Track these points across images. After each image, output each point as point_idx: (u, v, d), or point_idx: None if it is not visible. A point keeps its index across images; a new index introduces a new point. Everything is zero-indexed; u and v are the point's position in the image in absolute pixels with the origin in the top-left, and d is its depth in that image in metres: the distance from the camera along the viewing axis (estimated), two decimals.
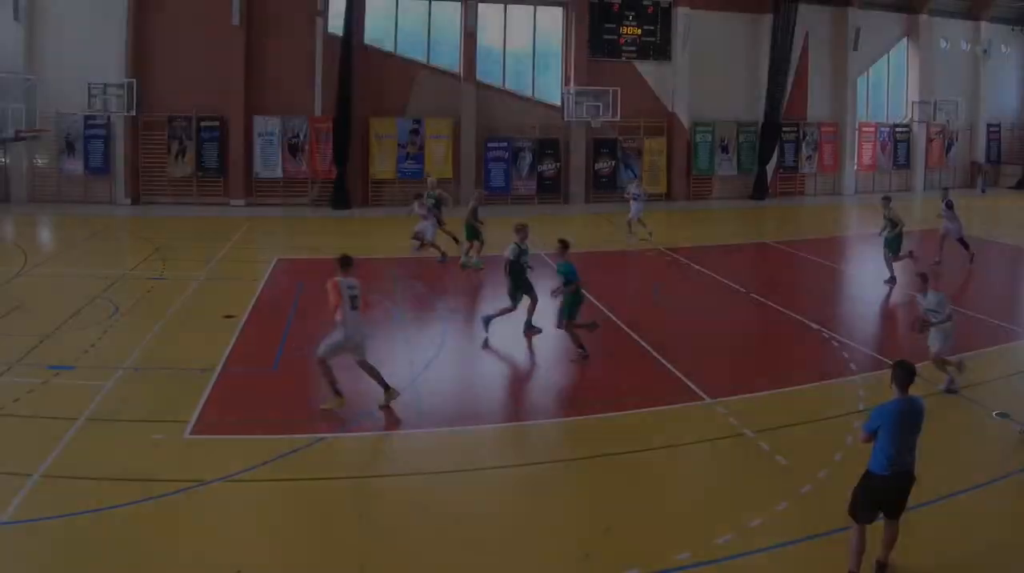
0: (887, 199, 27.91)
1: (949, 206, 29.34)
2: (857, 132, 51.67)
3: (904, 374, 10.03)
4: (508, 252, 20.11)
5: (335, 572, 10.33)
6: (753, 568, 10.39)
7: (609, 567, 10.37)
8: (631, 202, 34.43)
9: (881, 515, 10.01)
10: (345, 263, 15.27)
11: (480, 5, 45.15)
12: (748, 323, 22.76)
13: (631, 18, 47.04)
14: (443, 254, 29.35)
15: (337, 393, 15.13)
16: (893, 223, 26.85)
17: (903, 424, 9.80)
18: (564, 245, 19.12)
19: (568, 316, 18.70)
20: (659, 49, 47.55)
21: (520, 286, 20.31)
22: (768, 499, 11.89)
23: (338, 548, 10.78)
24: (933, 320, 16.12)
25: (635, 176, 37.05)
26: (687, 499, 12.43)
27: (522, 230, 20.41)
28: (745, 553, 10.57)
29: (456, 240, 29.77)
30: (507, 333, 20.34)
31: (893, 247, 26.96)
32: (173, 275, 26.29)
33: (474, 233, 28.64)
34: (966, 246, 29.39)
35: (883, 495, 9.87)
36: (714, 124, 48.40)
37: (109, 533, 10.89)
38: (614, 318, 21.94)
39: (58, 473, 12.43)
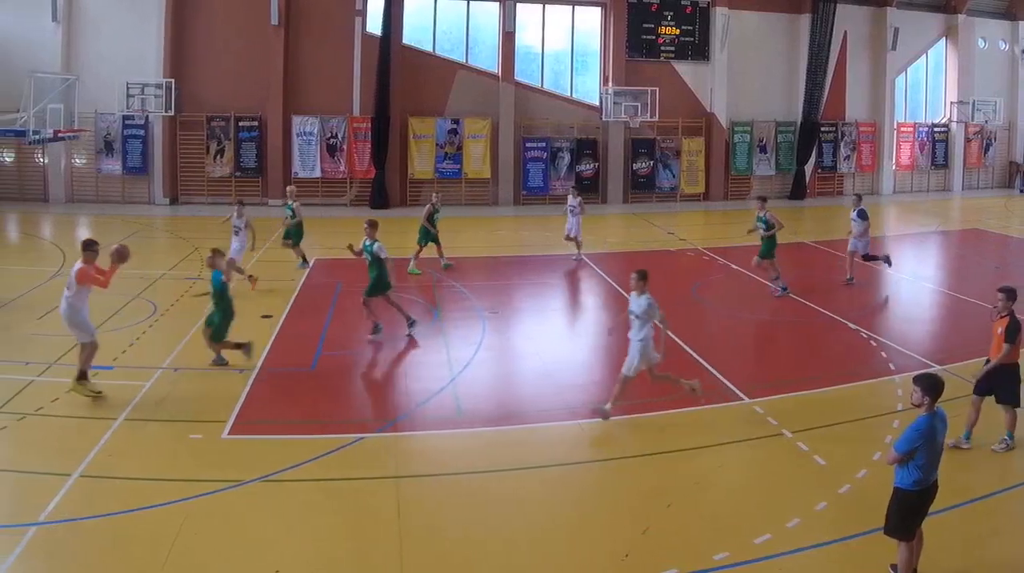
0: (762, 199, 25.02)
1: (862, 215, 25.26)
2: (895, 132, 49.37)
3: (938, 387, 9.49)
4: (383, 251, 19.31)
5: (374, 572, 10.08)
6: (792, 568, 10.08)
7: (648, 567, 10.07)
8: (568, 215, 29.14)
9: None
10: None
11: (519, 5, 43.36)
12: (786, 323, 21.88)
13: (669, 18, 45.00)
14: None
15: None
16: (768, 225, 23.86)
17: (936, 439, 9.41)
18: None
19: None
20: (697, 49, 45.45)
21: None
22: (807, 499, 11.59)
23: (377, 548, 10.50)
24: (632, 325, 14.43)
25: (575, 189, 31.50)
26: (726, 499, 11.97)
27: (372, 227, 19.51)
28: (784, 553, 10.29)
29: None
30: (543, 333, 20.03)
31: (764, 250, 23.99)
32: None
33: (426, 237, 26.95)
34: (874, 258, 25.73)
35: (919, 510, 9.51)
36: (752, 124, 46.25)
37: (147, 533, 10.57)
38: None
39: (96, 473, 12.09)
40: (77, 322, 15.16)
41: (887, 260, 25.50)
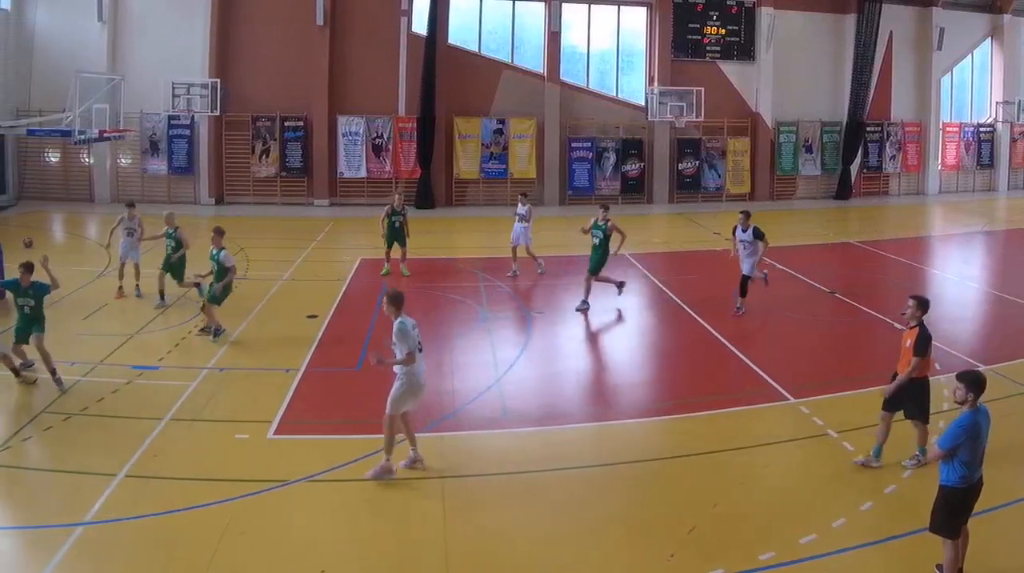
0: (604, 207, 21.51)
1: (758, 235, 20.42)
2: (941, 132, 46.53)
3: (981, 383, 9.09)
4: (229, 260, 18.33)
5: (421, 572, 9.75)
6: (838, 568, 9.75)
7: (694, 567, 9.75)
8: (516, 222, 25.58)
9: None
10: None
11: (564, 5, 41.18)
12: (832, 323, 21.00)
13: (715, 18, 42.56)
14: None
15: None
16: (605, 234, 20.75)
17: (980, 436, 8.99)
18: None
19: None
20: (743, 49, 42.91)
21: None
22: (852, 499, 11.22)
23: (423, 548, 10.17)
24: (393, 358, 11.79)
25: (524, 196, 26.89)
26: (771, 499, 11.50)
27: (219, 235, 18.27)
28: (830, 553, 9.95)
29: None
30: (589, 333, 19.40)
31: (594, 261, 21.06)
32: (257, 275, 24.42)
33: (391, 237, 24.73)
34: (743, 287, 20.76)
35: (965, 507, 9.14)
36: (798, 124, 43.65)
37: (192, 533, 10.25)
38: (699, 318, 20.53)
39: (142, 473, 11.73)
40: None
41: (620, 287, 21.91)
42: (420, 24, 39.30)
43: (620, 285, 21.83)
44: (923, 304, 12.15)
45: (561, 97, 41.26)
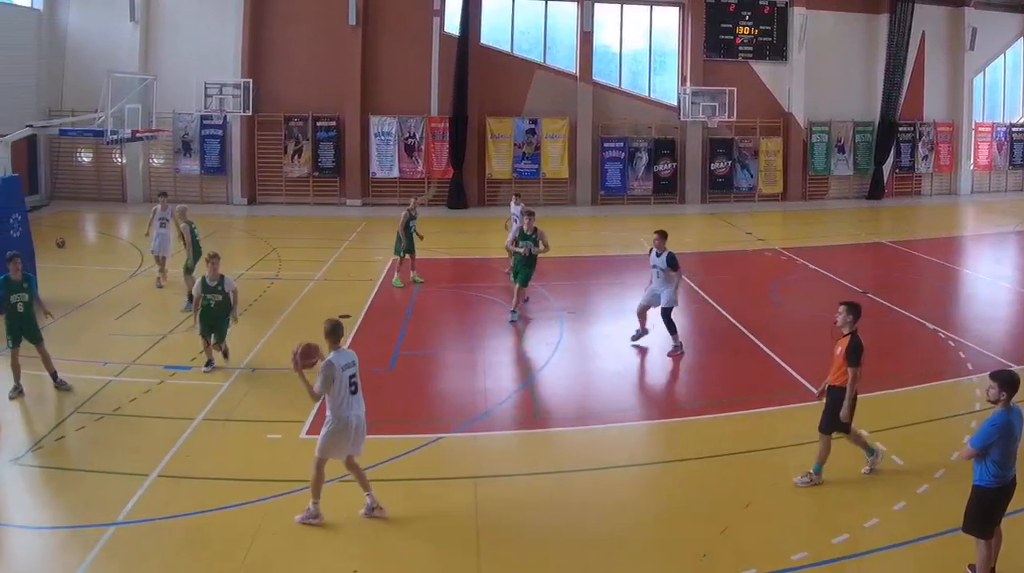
0: (530, 214, 19.47)
1: (671, 264, 17.05)
2: (973, 132, 44.49)
3: (1015, 383, 8.68)
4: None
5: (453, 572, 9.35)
6: (870, 568, 9.45)
7: (727, 567, 9.39)
8: (512, 222, 24.15)
9: None
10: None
11: (597, 5, 39.50)
12: (865, 323, 18.10)
13: (747, 18, 40.66)
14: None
15: None
16: (535, 241, 19.01)
17: (1013, 435, 8.61)
18: None
19: None
20: (775, 49, 40.98)
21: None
22: (885, 499, 10.86)
23: (455, 548, 9.82)
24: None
25: (517, 196, 25.88)
26: (804, 499, 11.10)
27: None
28: (862, 553, 9.67)
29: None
30: (621, 333, 18.37)
31: (524, 276, 19.13)
32: (289, 275, 23.78)
33: (400, 246, 22.93)
34: (667, 324, 17.41)
35: (998, 507, 8.76)
36: (830, 124, 41.67)
37: (225, 533, 9.91)
38: (731, 318, 19.87)
39: (174, 473, 11.43)
40: None
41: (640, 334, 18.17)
42: (452, 24, 37.74)
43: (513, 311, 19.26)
44: (854, 310, 11.27)
45: (593, 97, 39.54)
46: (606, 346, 18.15)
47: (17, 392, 14.18)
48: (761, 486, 11.42)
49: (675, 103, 40.62)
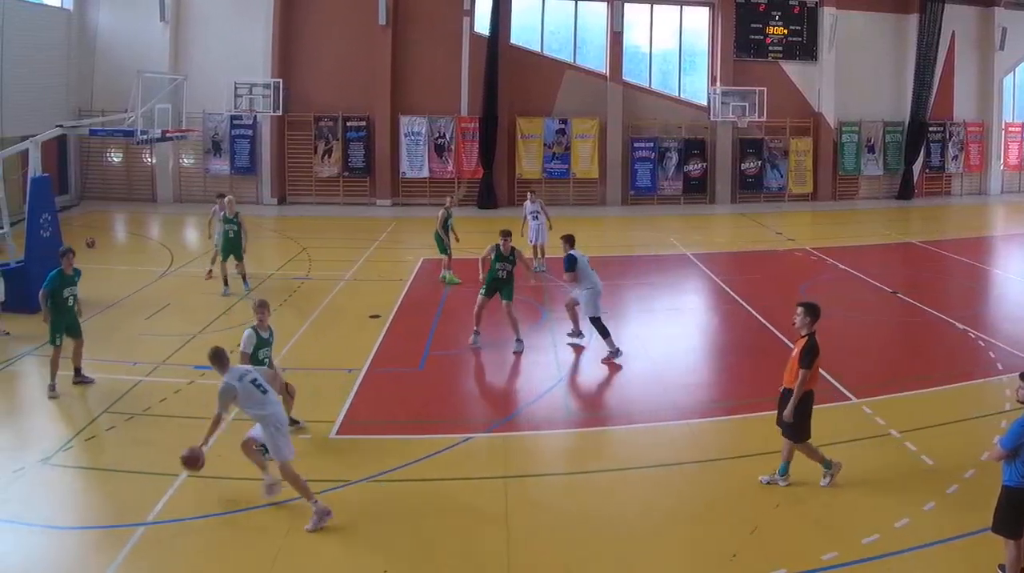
0: (507, 234, 17.11)
1: (566, 267, 16.47)
2: (1003, 132, 42.79)
3: None
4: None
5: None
6: (900, 568, 9.09)
7: (756, 567, 9.06)
8: (529, 220, 23.67)
9: None
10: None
11: (627, 5, 38.03)
12: (895, 323, 19.79)
13: (777, 18, 39.15)
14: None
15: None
16: (513, 262, 16.99)
17: None
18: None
19: None
20: (805, 49, 39.42)
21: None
22: (914, 499, 10.51)
23: (485, 548, 9.46)
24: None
25: (533, 193, 24.81)
26: (833, 499, 10.64)
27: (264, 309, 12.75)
28: (892, 553, 9.29)
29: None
30: (651, 333, 18.48)
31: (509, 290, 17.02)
32: (319, 275, 23.16)
33: (441, 246, 22.55)
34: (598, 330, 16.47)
35: None
36: (860, 124, 40.07)
37: (255, 533, 9.69)
38: (761, 318, 19.19)
39: (205, 473, 10.40)
40: None
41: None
42: (482, 24, 36.45)
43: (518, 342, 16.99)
44: (812, 311, 10.69)
45: (623, 97, 38.14)
46: (636, 346, 17.27)
47: (54, 391, 13.78)
48: (791, 486, 10.97)
49: (705, 103, 39.19)
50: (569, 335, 17.43)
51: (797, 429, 10.62)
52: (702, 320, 20.45)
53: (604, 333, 16.24)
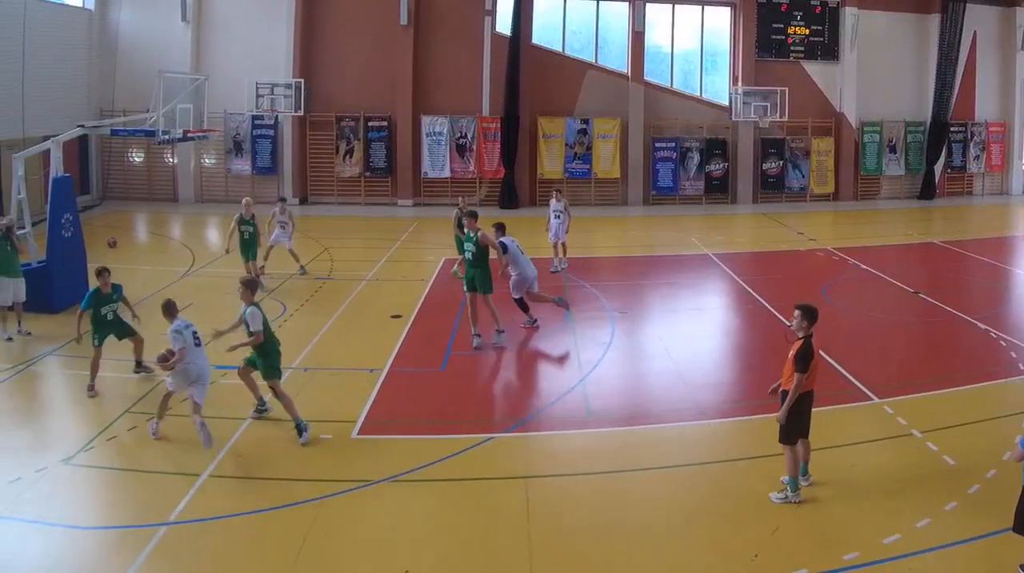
0: (473, 215, 17.90)
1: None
2: None
3: None
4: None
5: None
6: (922, 568, 8.84)
7: (778, 567, 8.87)
8: (551, 219, 23.39)
9: None
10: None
11: (648, 5, 37.10)
12: (916, 323, 19.25)
13: (799, 18, 38.10)
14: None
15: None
16: (476, 242, 17.07)
17: None
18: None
19: None
20: (827, 49, 38.38)
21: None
22: (936, 499, 10.18)
23: (506, 549, 9.24)
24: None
25: (558, 192, 24.51)
26: (855, 499, 10.33)
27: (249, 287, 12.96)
28: (913, 553, 9.07)
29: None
30: (673, 333, 18.15)
31: (479, 280, 16.99)
32: (341, 275, 22.77)
33: (460, 245, 21.21)
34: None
35: None
36: (882, 124, 39.03)
37: (276, 533, 9.44)
38: (783, 318, 18.11)
39: (226, 473, 10.89)
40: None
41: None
42: (504, 24, 35.48)
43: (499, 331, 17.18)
44: (809, 314, 10.26)
45: (645, 97, 37.13)
46: (657, 346, 17.26)
47: (93, 391, 13.67)
48: (812, 486, 10.72)
49: (727, 103, 38.13)
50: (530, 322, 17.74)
51: (786, 431, 10.22)
52: (724, 320, 19.94)
53: (524, 309, 17.44)
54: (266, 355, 12.25)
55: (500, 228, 17.47)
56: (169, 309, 11.93)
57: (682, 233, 30.21)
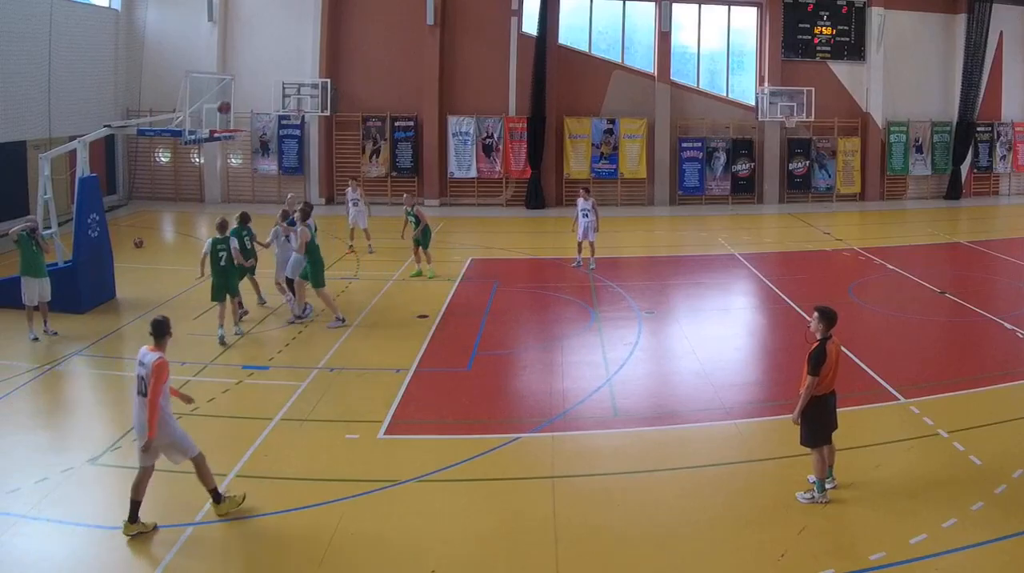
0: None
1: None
2: None
3: None
4: None
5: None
6: (948, 568, 8.52)
7: (804, 567, 8.58)
8: (579, 219, 22.52)
9: None
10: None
11: (675, 5, 35.32)
12: (943, 323, 18.61)
13: (825, 18, 36.20)
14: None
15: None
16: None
17: None
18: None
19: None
20: (853, 49, 36.44)
21: None
22: (963, 499, 9.79)
23: (533, 549, 8.98)
24: None
25: (587, 191, 23.76)
26: (881, 499, 9.92)
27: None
28: (940, 553, 8.74)
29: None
30: (699, 333, 17.45)
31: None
32: (367, 275, 22.11)
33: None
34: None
35: None
36: (908, 124, 37.06)
37: (303, 533, 9.20)
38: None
39: (252, 473, 10.46)
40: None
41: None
42: (530, 24, 33.77)
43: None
44: (827, 317, 9.83)
45: (671, 97, 35.34)
46: (684, 346, 16.61)
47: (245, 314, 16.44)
48: (839, 486, 10.30)
49: (753, 103, 36.18)
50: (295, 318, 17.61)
51: (808, 434, 9.84)
52: (750, 320, 19.08)
53: (293, 293, 17.54)
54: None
55: (306, 214, 18.13)
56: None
57: (709, 233, 29.04)
